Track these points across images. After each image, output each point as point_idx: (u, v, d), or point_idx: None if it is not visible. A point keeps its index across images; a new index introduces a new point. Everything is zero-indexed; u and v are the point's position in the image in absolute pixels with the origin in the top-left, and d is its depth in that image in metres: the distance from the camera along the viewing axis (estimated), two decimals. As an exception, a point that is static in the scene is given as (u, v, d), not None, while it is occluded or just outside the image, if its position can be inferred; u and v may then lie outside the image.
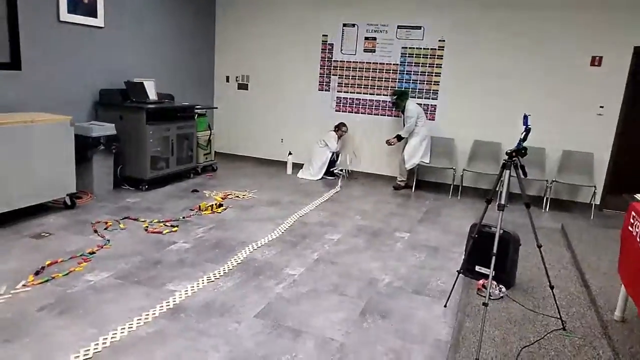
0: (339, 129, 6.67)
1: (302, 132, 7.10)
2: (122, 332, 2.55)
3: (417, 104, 6.30)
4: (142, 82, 5.67)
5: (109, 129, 5.02)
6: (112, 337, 2.50)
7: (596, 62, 5.65)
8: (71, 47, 4.99)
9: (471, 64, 6.15)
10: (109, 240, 3.81)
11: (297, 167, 6.84)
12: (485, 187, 6.29)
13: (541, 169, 5.86)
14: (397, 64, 6.52)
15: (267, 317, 2.83)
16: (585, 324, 2.93)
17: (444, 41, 6.25)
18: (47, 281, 3.05)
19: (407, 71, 6.49)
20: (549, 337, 2.74)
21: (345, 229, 4.57)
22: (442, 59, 6.29)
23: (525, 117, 2.88)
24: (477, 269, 3.43)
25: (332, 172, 6.69)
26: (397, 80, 6.56)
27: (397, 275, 3.58)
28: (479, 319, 2.84)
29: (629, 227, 2.75)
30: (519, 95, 5.98)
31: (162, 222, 4.33)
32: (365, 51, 6.64)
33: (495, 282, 3.22)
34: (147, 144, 5.28)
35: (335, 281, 3.39)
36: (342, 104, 6.89)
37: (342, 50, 6.75)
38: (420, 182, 6.47)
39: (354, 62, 6.73)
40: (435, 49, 6.31)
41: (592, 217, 5.57)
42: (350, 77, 6.79)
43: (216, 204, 4.87)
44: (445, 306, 3.11)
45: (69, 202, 4.48)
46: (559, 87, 5.82)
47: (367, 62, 6.67)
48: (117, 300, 2.90)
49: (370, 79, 6.69)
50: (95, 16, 5.18)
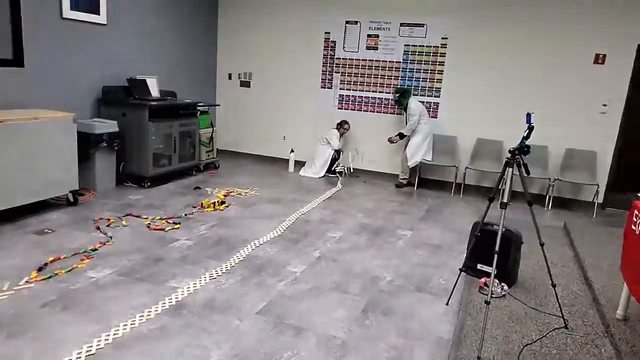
0: (341, 126, 6.66)
1: (304, 130, 7.10)
2: (124, 329, 2.56)
3: (420, 101, 6.29)
4: (144, 80, 5.68)
5: (111, 126, 5.04)
6: (114, 334, 2.51)
7: (600, 60, 5.63)
8: (74, 44, 4.99)
9: (474, 62, 6.13)
10: (111, 237, 3.83)
11: (299, 164, 6.85)
12: (487, 185, 6.28)
13: (544, 167, 5.84)
14: (400, 62, 6.50)
15: (269, 314, 2.84)
16: (587, 322, 2.92)
17: (446, 39, 6.23)
18: (49, 277, 3.06)
19: (409, 69, 6.48)
20: (551, 336, 2.73)
21: (347, 226, 4.57)
22: (444, 56, 6.28)
23: (528, 115, 2.87)
24: (479, 267, 3.42)
25: (334, 170, 6.69)
26: (400, 78, 6.54)
27: (399, 273, 3.58)
28: (481, 317, 2.84)
29: (632, 226, 2.74)
30: (522, 93, 5.96)
31: (165, 219, 4.34)
32: (367, 49, 6.63)
33: (497, 280, 3.22)
34: (150, 141, 5.29)
35: (337, 279, 3.40)
36: (344, 102, 6.89)
37: (344, 47, 6.74)
38: (422, 180, 6.47)
39: (356, 59, 6.71)
40: (438, 47, 6.29)
41: (594, 215, 5.56)
42: (352, 75, 6.78)
43: (218, 202, 4.87)
44: (447, 304, 3.11)
45: (71, 199, 4.50)
46: (562, 85, 5.80)
47: (369, 60, 6.65)
48: (120, 296, 2.91)
49: (372, 76, 6.68)
50: (97, 13, 5.18)
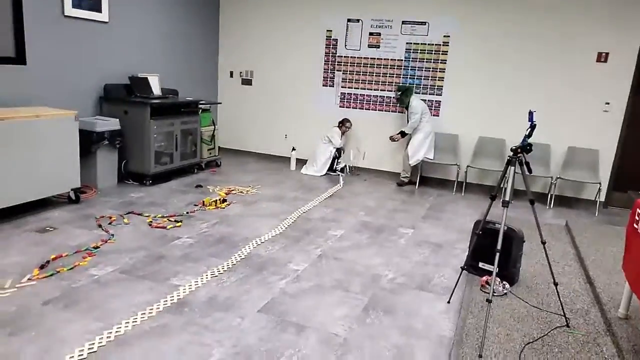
0: (343, 124, 6.66)
1: (305, 128, 7.09)
2: (126, 326, 2.57)
3: (422, 100, 6.28)
4: (146, 77, 5.67)
5: (113, 124, 5.04)
6: (116, 331, 2.51)
7: (602, 58, 5.61)
8: (76, 42, 4.99)
9: (476, 60, 6.12)
10: (113, 234, 3.83)
11: (301, 162, 6.85)
12: (489, 184, 6.27)
13: (546, 166, 5.83)
14: (402, 60, 6.49)
15: (270, 312, 2.84)
16: (589, 321, 2.92)
17: (448, 37, 6.22)
18: (52, 275, 3.07)
19: (411, 67, 6.47)
20: (553, 334, 2.73)
21: (348, 224, 4.57)
22: (446, 54, 6.26)
23: (530, 113, 2.86)
24: (480, 265, 3.43)
25: (335, 168, 6.69)
26: (402, 76, 6.53)
27: (401, 271, 3.58)
28: (483, 315, 2.84)
29: (634, 224, 2.73)
30: (524, 91, 5.95)
31: (166, 217, 4.35)
32: (369, 47, 6.62)
33: (498, 279, 3.22)
34: (151, 139, 5.29)
35: (338, 277, 3.40)
36: (346, 100, 6.88)
37: (346, 45, 6.73)
38: (424, 179, 6.46)
39: (358, 57, 6.70)
40: (440, 45, 6.28)
41: (596, 214, 5.55)
42: (354, 73, 6.77)
43: (220, 199, 4.88)
44: (448, 302, 3.11)
45: (73, 197, 4.50)
46: (565, 84, 5.78)
47: (371, 58, 6.64)
48: (122, 294, 2.91)
49: (374, 74, 6.67)
50: (99, 11, 5.18)
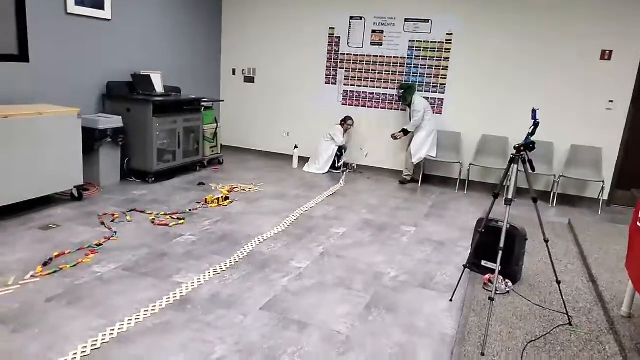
0: (345, 122, 6.65)
1: (308, 126, 7.09)
2: (129, 323, 2.57)
3: (424, 97, 6.27)
4: (149, 75, 5.68)
5: (115, 122, 5.04)
6: (119, 328, 2.52)
7: (606, 56, 5.59)
8: (78, 40, 5.00)
9: (479, 58, 6.10)
10: (115, 232, 3.84)
11: (303, 160, 6.84)
12: (492, 182, 6.26)
13: (549, 164, 5.82)
14: (405, 58, 6.48)
15: (273, 309, 2.85)
16: (591, 319, 2.92)
17: (451, 34, 6.20)
18: (55, 272, 3.08)
19: (414, 65, 6.45)
20: (555, 332, 2.73)
21: (351, 222, 4.57)
22: (449, 52, 6.25)
23: (533, 111, 2.85)
24: (483, 263, 3.42)
25: (338, 166, 6.68)
26: (404, 73, 6.52)
27: (403, 269, 3.58)
28: (485, 313, 2.83)
29: (638, 223, 2.72)
30: (527, 89, 5.93)
31: (169, 214, 4.35)
32: (372, 44, 6.60)
33: (501, 277, 3.21)
34: (154, 136, 5.30)
35: (340, 275, 3.40)
36: (348, 98, 6.87)
37: (349, 43, 6.72)
38: (426, 177, 6.45)
39: (360, 55, 6.69)
40: (442, 43, 6.26)
41: (599, 212, 5.53)
42: (357, 71, 6.76)
43: (222, 197, 4.88)
44: (451, 300, 3.11)
45: (76, 194, 4.51)
46: (568, 81, 5.76)
47: (374, 56, 6.63)
48: (124, 291, 2.92)
49: (377, 72, 6.66)
50: (102, 8, 5.19)
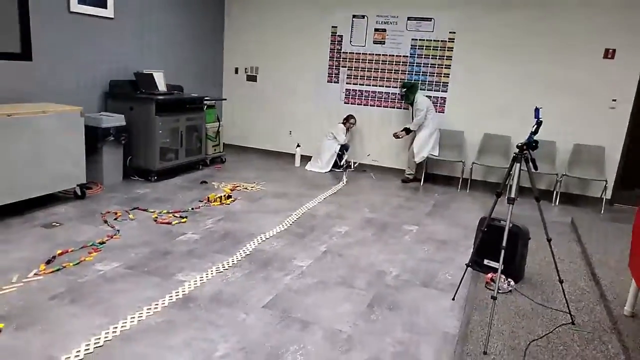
0: (347, 121, 6.65)
1: (310, 125, 7.09)
2: (132, 322, 2.58)
3: (427, 96, 6.26)
4: (151, 74, 5.68)
5: (118, 120, 5.05)
6: (122, 326, 2.53)
7: (609, 54, 5.57)
8: (81, 38, 5.00)
9: (481, 56, 6.09)
10: (118, 230, 3.85)
11: (306, 159, 6.84)
12: (494, 181, 6.25)
13: (552, 163, 5.80)
14: (407, 56, 6.47)
15: (275, 308, 2.85)
16: (594, 318, 2.91)
17: (454, 33, 6.19)
18: (58, 270, 3.09)
19: (416, 63, 6.45)
20: (558, 331, 2.72)
21: (353, 221, 4.57)
22: (452, 51, 6.24)
23: (536, 109, 2.84)
24: (485, 262, 3.42)
25: (341, 165, 6.68)
26: (407, 72, 6.51)
27: (405, 268, 3.58)
28: (487, 312, 2.83)
29: (641, 222, 2.72)
30: (530, 88, 5.92)
31: (171, 213, 4.36)
32: (374, 43, 6.59)
33: (504, 276, 3.20)
34: (157, 135, 5.31)
35: (343, 273, 3.40)
36: (351, 96, 6.87)
37: (351, 41, 6.71)
38: (429, 175, 6.45)
39: (363, 54, 6.68)
40: (445, 41, 6.25)
41: (602, 211, 5.52)
42: (359, 69, 6.75)
43: (225, 196, 4.89)
44: (453, 299, 3.11)
45: (79, 193, 4.52)
46: (571, 80, 5.75)
47: (376, 54, 6.62)
48: (127, 289, 2.93)
49: (379, 71, 6.65)
50: (105, 7, 5.19)
